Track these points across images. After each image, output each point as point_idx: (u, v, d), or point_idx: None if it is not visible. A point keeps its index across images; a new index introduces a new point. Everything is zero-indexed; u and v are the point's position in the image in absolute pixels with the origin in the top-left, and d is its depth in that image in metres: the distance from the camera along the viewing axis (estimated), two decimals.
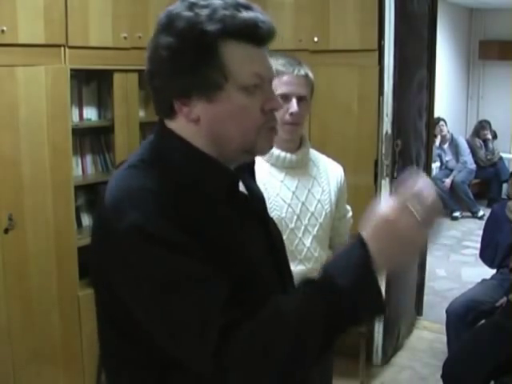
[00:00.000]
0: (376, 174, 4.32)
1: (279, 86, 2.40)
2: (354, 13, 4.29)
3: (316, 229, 2.55)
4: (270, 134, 1.40)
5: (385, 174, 4.29)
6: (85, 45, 3.70)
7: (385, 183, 4.28)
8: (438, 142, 8.56)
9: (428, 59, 4.78)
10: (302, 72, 2.47)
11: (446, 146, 8.80)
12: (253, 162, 1.56)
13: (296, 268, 2.48)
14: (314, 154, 2.64)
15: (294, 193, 2.51)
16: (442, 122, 8.66)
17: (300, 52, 3.95)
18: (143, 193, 1.27)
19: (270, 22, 1.34)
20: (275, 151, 2.49)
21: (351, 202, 2.82)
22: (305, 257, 2.53)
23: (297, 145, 2.55)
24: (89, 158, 4.17)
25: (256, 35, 1.32)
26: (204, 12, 1.28)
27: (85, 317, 3.70)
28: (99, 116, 4.20)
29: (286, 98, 2.43)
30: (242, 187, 1.49)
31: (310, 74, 2.50)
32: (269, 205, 2.45)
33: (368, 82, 4.30)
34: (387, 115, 4.25)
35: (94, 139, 4.20)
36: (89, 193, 4.11)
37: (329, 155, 2.74)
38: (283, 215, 2.47)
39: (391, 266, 1.32)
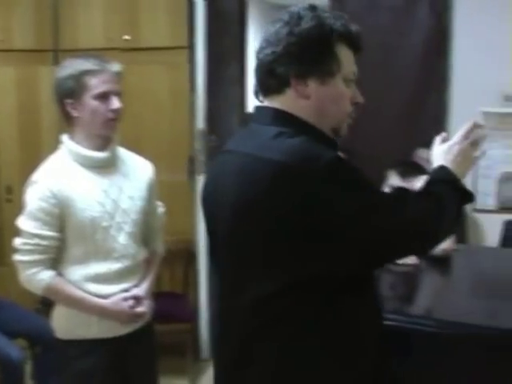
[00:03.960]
0: (191, 170, 4.33)
1: (99, 85, 2.40)
2: (165, 11, 4.30)
3: (129, 226, 2.53)
4: (348, 121, 1.72)
5: (200, 170, 4.33)
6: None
7: (200, 179, 4.31)
8: None
9: (240, 55, 4.85)
10: (117, 69, 2.47)
11: None
12: None
13: (113, 266, 2.48)
14: (122, 151, 2.63)
15: (105, 191, 2.48)
16: None
17: (111, 51, 3.91)
18: (312, 143, 1.55)
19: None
20: (82, 151, 2.46)
21: (166, 198, 2.82)
22: (121, 255, 2.50)
23: (109, 142, 2.51)
24: None
25: (357, 44, 1.69)
26: (327, 16, 1.64)
27: None
28: None
29: (106, 95, 2.42)
30: None
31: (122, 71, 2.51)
32: (80, 205, 2.41)
33: (180, 79, 4.33)
34: (200, 111, 4.29)
35: None
36: None
37: (143, 153, 2.73)
38: (95, 214, 2.43)
39: (463, 175, 1.76)
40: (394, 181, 2.99)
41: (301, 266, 1.53)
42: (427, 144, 4.14)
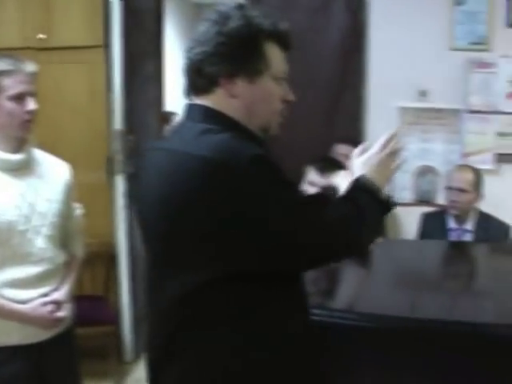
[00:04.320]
0: (109, 170, 4.28)
1: (14, 86, 2.35)
2: (80, 9, 4.23)
3: (47, 229, 2.49)
4: (278, 119, 1.75)
5: (119, 170, 4.28)
6: None
7: (119, 180, 4.27)
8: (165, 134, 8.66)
9: (157, 54, 4.81)
10: (32, 69, 2.42)
11: None
12: None
13: (31, 270, 2.43)
14: (37, 153, 2.57)
15: (21, 194, 2.43)
16: (175, 116, 8.78)
17: (25, 50, 3.84)
18: (238, 139, 1.56)
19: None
20: None
21: (85, 200, 2.79)
22: (39, 258, 2.46)
23: (24, 144, 2.46)
24: None
25: (287, 43, 1.72)
26: (256, 15, 1.67)
27: None
28: None
29: (22, 96, 2.37)
30: None
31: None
32: None
33: (96, 79, 4.27)
34: (117, 111, 4.25)
35: None
36: None
37: (60, 154, 2.69)
38: (11, 218, 2.38)
39: (383, 184, 1.78)
40: (312, 177, 3.02)
41: (226, 261, 1.54)
42: (345, 140, 4.26)
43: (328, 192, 2.11)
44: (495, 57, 4.68)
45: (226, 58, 1.63)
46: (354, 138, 4.51)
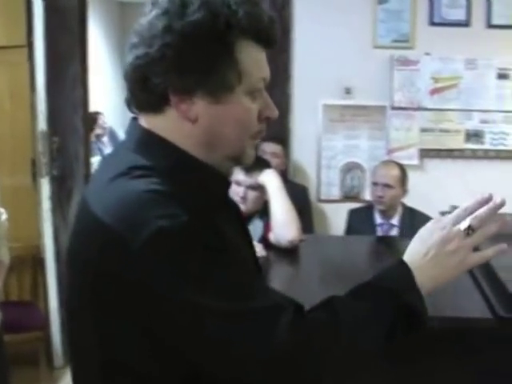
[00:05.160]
0: (34, 173, 4.19)
1: None
2: (1, 9, 4.12)
3: None
4: (255, 142, 1.30)
5: (44, 172, 4.20)
6: None
7: (44, 182, 4.20)
8: (94, 136, 8.54)
9: (81, 54, 4.75)
10: None
11: (105, 139, 8.85)
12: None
13: None
14: None
15: None
16: (100, 116, 8.68)
17: None
18: (151, 194, 1.11)
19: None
20: None
21: (10, 204, 2.74)
22: None
23: None
24: None
25: (270, 38, 1.23)
26: (225, 1, 1.15)
27: None
28: None
29: None
30: None
31: None
32: None
33: (19, 79, 4.17)
34: (42, 112, 4.16)
35: None
36: None
37: None
38: None
39: (433, 285, 1.26)
40: (238, 176, 3.02)
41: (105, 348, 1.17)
42: (271, 138, 4.27)
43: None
44: (418, 54, 4.78)
45: (177, 66, 1.14)
46: (280, 135, 4.54)
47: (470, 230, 1.24)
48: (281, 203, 2.85)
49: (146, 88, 1.18)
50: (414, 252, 1.28)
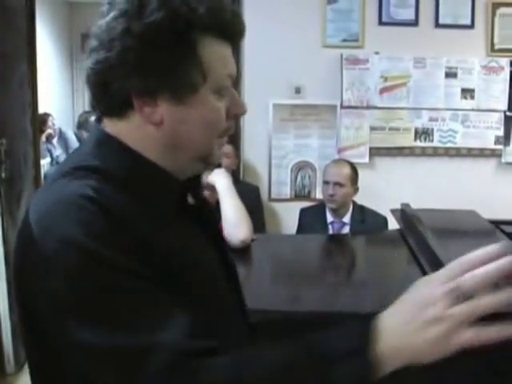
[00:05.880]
0: None
1: None
2: None
3: None
4: (223, 141, 1.26)
5: None
6: None
7: None
8: (44, 137, 8.43)
9: (28, 54, 4.68)
10: None
11: (54, 140, 8.73)
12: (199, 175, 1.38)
13: None
14: None
15: None
16: (50, 117, 8.57)
17: None
18: (81, 200, 1.05)
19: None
20: None
21: None
22: None
23: None
24: None
25: (235, 32, 1.20)
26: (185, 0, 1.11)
27: None
28: None
29: None
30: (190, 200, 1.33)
31: None
32: None
33: None
34: None
35: None
36: None
37: None
38: None
39: (399, 359, 0.98)
40: None
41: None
42: None
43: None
44: (368, 53, 4.84)
45: (138, 69, 1.11)
46: (231, 135, 4.54)
47: (461, 293, 0.92)
48: (231, 203, 2.84)
49: (108, 93, 1.14)
50: (393, 312, 1.01)
